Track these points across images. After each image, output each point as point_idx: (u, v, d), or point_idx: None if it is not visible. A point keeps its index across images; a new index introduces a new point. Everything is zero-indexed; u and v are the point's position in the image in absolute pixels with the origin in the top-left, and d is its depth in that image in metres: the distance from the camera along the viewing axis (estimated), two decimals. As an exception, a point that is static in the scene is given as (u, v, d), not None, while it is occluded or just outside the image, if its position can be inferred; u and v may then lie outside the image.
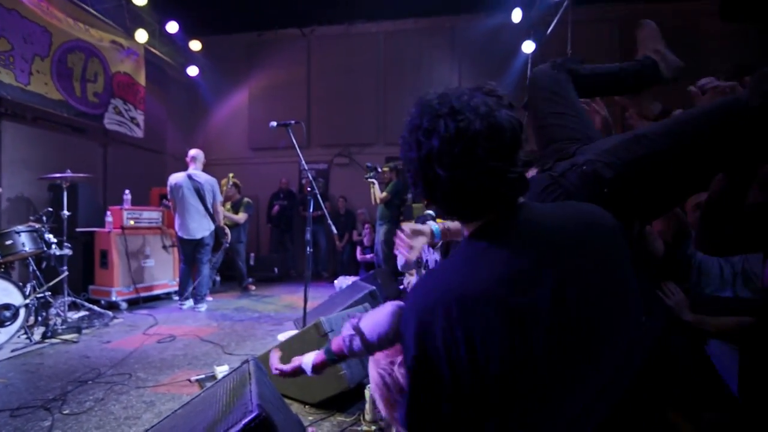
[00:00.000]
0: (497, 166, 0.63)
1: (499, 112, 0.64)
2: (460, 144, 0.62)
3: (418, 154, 0.67)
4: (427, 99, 0.70)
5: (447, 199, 0.68)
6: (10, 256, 3.30)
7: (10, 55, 4.60)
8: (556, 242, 0.66)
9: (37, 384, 2.42)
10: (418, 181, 0.70)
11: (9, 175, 4.85)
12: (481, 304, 0.59)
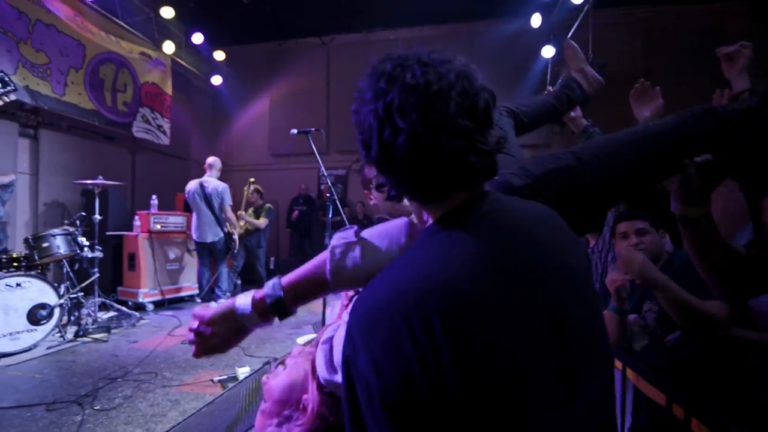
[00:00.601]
0: (468, 126, 0.53)
1: (474, 75, 0.56)
2: (428, 93, 0.52)
3: (376, 105, 0.54)
4: (394, 52, 0.59)
5: (406, 165, 0.53)
6: (46, 258, 3.48)
7: (47, 68, 4.86)
8: (536, 237, 0.57)
9: (70, 380, 2.54)
10: (371, 142, 0.56)
11: (46, 180, 5.11)
12: (472, 305, 0.48)
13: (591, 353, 0.57)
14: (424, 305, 0.47)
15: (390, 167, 0.55)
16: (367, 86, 0.57)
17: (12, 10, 4.45)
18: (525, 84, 6.72)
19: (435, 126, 0.51)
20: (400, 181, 0.56)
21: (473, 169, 0.55)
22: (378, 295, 0.52)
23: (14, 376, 2.63)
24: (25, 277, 3.14)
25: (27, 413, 2.09)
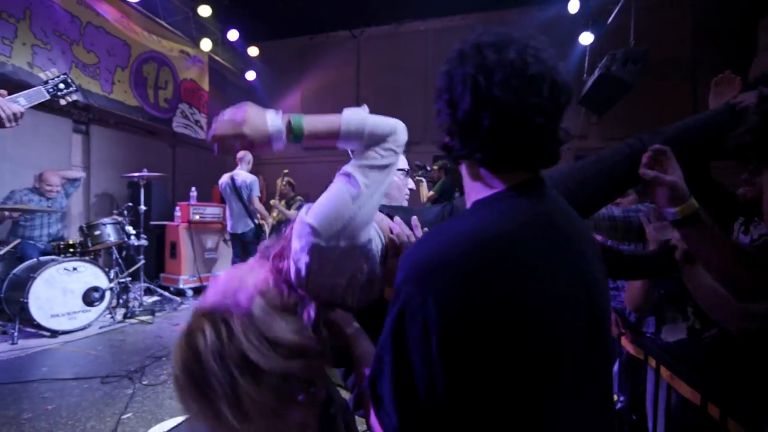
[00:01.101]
0: (554, 113, 0.58)
1: (563, 70, 0.60)
2: (530, 72, 0.55)
3: (476, 72, 0.57)
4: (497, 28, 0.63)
5: (493, 131, 0.57)
6: (98, 245, 3.76)
7: (97, 68, 5.19)
8: (579, 227, 0.65)
9: (120, 357, 2.75)
10: (461, 104, 0.58)
11: (96, 173, 5.48)
12: (528, 264, 0.54)
13: (603, 349, 0.62)
14: (486, 254, 0.53)
15: (475, 131, 0.58)
16: (468, 53, 0.60)
17: (66, 13, 4.77)
18: (561, 73, 6.48)
19: (528, 104, 0.56)
20: (482, 145, 0.59)
21: (545, 153, 0.60)
22: (446, 244, 0.56)
23: (72, 351, 2.89)
24: (80, 261, 3.41)
25: (84, 384, 2.30)
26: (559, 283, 0.56)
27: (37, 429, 1.83)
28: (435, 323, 0.51)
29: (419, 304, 0.52)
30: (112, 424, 1.87)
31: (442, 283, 0.52)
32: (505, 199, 0.60)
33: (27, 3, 4.37)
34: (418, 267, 0.55)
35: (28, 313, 3.02)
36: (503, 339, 0.51)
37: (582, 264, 0.60)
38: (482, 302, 0.50)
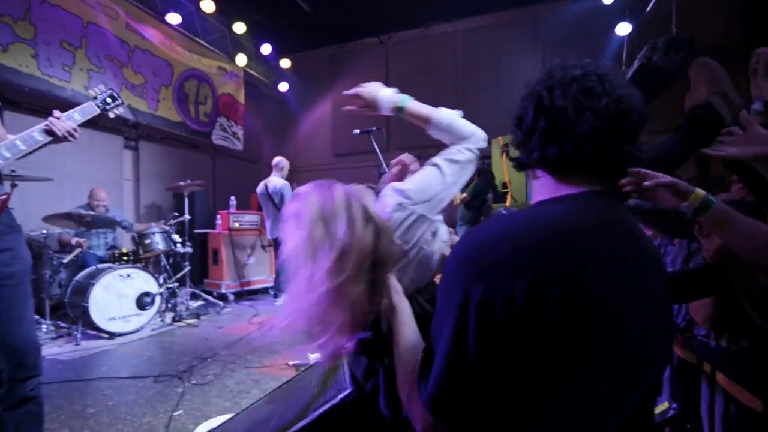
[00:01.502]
0: (619, 126, 0.64)
1: (636, 96, 0.67)
2: (589, 84, 0.63)
3: (544, 83, 0.66)
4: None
5: (548, 129, 0.65)
6: (148, 253, 4.01)
7: (144, 87, 5.57)
8: (643, 241, 0.69)
9: (171, 358, 2.92)
10: (528, 112, 0.68)
11: (145, 185, 5.86)
12: (591, 255, 0.57)
13: (652, 358, 0.64)
14: (545, 239, 0.57)
15: (533, 134, 0.67)
16: (540, 77, 0.69)
17: (116, 39, 5.17)
18: (596, 67, 6.24)
19: (583, 108, 0.63)
20: (539, 146, 0.67)
21: (605, 160, 0.65)
22: (502, 228, 0.63)
23: (128, 352, 3.10)
24: (133, 269, 3.66)
25: (140, 383, 2.46)
26: (617, 274, 0.58)
27: (100, 423, 1.98)
28: (495, 304, 0.54)
29: (472, 281, 0.57)
30: (165, 420, 1.99)
31: (498, 266, 0.56)
32: (566, 201, 0.66)
33: (83, 32, 4.77)
34: (477, 249, 0.60)
35: (89, 316, 3.28)
36: (557, 324, 0.53)
37: (641, 273, 0.62)
38: (545, 286, 0.53)
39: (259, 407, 1.48)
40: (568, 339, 0.53)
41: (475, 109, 7.09)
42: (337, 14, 6.84)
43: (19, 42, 4.14)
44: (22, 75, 4.16)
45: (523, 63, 6.82)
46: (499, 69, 6.94)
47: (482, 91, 7.04)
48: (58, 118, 1.35)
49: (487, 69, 7.03)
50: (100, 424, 1.97)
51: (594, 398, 0.57)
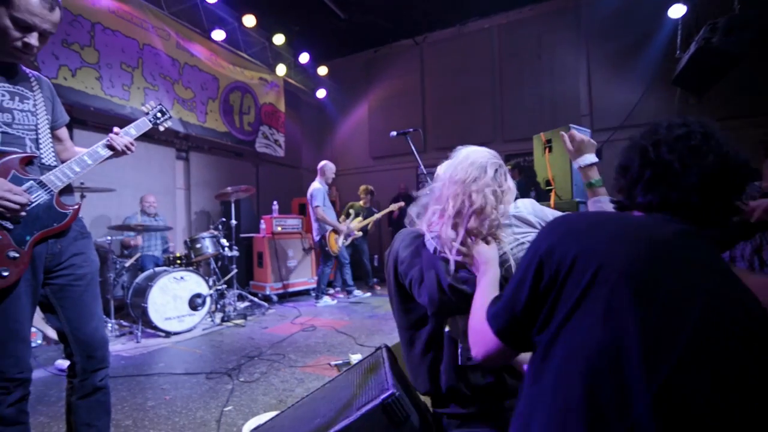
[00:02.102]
0: (741, 188, 0.72)
1: (741, 153, 0.73)
2: (694, 143, 0.71)
3: (650, 139, 0.75)
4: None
5: (653, 180, 0.74)
6: (199, 257, 4.25)
7: (193, 101, 5.92)
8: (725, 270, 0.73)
9: (220, 356, 3.07)
10: (633, 163, 0.77)
11: (195, 193, 6.22)
12: (666, 260, 0.65)
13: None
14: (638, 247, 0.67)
15: (638, 183, 0.77)
16: (645, 132, 0.78)
17: (168, 58, 5.54)
18: (648, 55, 5.85)
19: (688, 165, 0.71)
20: (675, 199, 0.73)
21: (720, 218, 0.73)
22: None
23: (182, 350, 3.29)
24: (185, 271, 3.89)
25: (193, 379, 2.60)
26: (678, 289, 0.62)
27: (159, 416, 2.11)
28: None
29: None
30: (216, 415, 2.09)
31: (567, 233, 0.74)
32: (654, 217, 0.75)
33: (140, 53, 5.16)
34: (561, 219, 0.79)
35: (148, 316, 3.52)
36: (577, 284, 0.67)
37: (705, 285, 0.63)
38: (585, 259, 0.67)
39: (304, 405, 1.51)
40: (575, 292, 0.66)
41: (516, 106, 6.90)
42: (372, 18, 6.93)
43: (86, 66, 4.55)
44: (89, 96, 4.57)
45: (565, 56, 6.54)
46: (539, 64, 6.70)
47: (522, 87, 6.83)
48: (117, 134, 1.48)
49: (527, 64, 6.81)
50: (159, 417, 2.10)
51: (589, 346, 0.64)
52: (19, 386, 1.25)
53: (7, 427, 1.24)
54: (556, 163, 4.00)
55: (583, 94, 6.45)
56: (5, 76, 1.29)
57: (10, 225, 1.22)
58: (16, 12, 1.17)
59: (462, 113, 7.28)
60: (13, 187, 1.20)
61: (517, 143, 6.69)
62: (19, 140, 1.29)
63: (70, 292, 1.38)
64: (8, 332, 1.23)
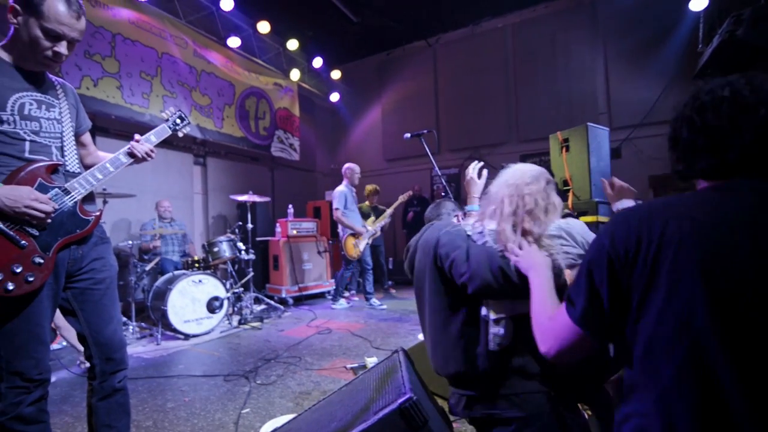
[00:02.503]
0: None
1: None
2: (743, 101, 0.70)
3: (695, 107, 0.75)
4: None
5: (746, 147, 0.70)
6: (216, 260, 4.31)
7: (210, 108, 6.04)
8: None
9: (237, 358, 3.10)
10: (682, 134, 0.77)
11: (212, 197, 6.33)
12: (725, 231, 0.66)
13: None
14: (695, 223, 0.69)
15: (693, 152, 0.77)
16: (687, 101, 0.78)
17: (185, 66, 5.67)
18: (668, 50, 5.70)
19: (739, 123, 0.70)
20: (733, 159, 0.72)
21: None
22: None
23: (200, 352, 3.34)
24: (204, 275, 3.95)
25: (211, 381, 2.63)
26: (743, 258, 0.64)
27: (179, 417, 2.14)
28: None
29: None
30: (234, 417, 2.11)
31: (627, 223, 0.77)
32: (718, 189, 0.74)
33: (158, 62, 5.30)
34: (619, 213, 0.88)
35: (167, 318, 3.58)
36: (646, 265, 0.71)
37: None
38: (646, 242, 0.71)
39: (321, 408, 1.51)
40: (650, 274, 0.69)
41: (531, 106, 6.81)
42: (384, 21, 6.95)
43: (107, 76, 4.69)
44: (110, 105, 4.70)
45: (581, 53, 6.42)
46: (554, 62, 6.59)
47: (537, 87, 6.72)
48: (138, 141, 1.53)
49: (542, 63, 6.71)
50: (179, 418, 2.13)
51: (660, 321, 0.68)
52: (39, 386, 1.29)
53: (29, 425, 1.27)
54: (573, 162, 3.91)
55: (601, 92, 6.31)
56: (33, 85, 1.32)
57: (36, 232, 1.25)
58: (46, 22, 1.21)
59: (476, 114, 7.22)
60: (40, 195, 1.23)
61: (533, 143, 6.58)
62: (45, 148, 1.33)
63: (90, 295, 1.42)
64: (30, 335, 1.26)
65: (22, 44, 1.25)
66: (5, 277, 1.18)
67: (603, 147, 3.78)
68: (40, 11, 1.20)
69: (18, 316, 1.24)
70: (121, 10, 4.85)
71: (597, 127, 3.79)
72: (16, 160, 1.26)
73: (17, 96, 1.27)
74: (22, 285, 1.20)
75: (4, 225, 1.19)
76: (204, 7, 5.84)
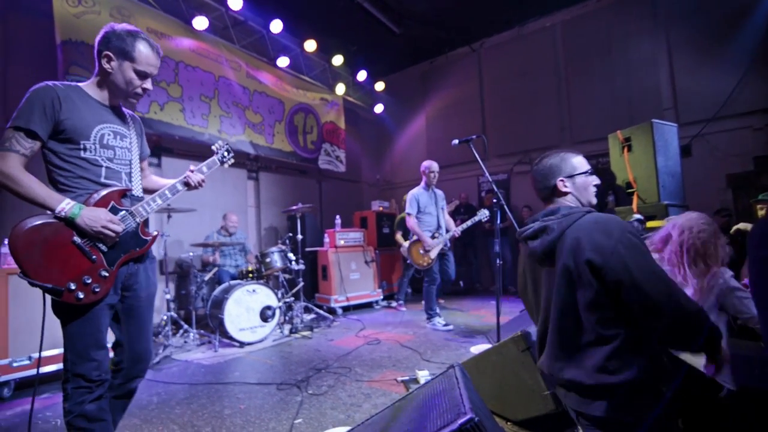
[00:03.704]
0: None
1: None
2: None
3: None
4: None
5: None
6: (269, 270, 4.45)
7: (262, 125, 6.35)
8: None
9: (289, 367, 3.14)
10: None
11: (264, 210, 6.61)
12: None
13: None
14: None
15: None
16: None
17: (239, 87, 6.02)
18: (743, 36, 5.14)
19: None
20: None
21: None
22: None
23: (255, 360, 3.43)
24: (257, 284, 4.09)
25: (265, 389, 2.69)
26: None
27: (235, 424, 2.20)
28: None
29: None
30: (287, 426, 2.12)
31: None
32: None
33: (215, 85, 5.67)
34: None
35: (224, 326, 3.74)
36: None
37: None
38: None
39: (374, 424, 1.46)
40: None
41: (585, 106, 6.43)
42: (426, 30, 6.95)
43: (172, 101, 5.09)
44: (174, 126, 5.09)
45: (640, 46, 5.98)
46: (610, 58, 6.20)
47: (592, 85, 6.35)
48: (192, 171, 1.71)
49: (596, 60, 6.33)
50: (235, 425, 2.18)
51: None
52: (99, 386, 1.43)
53: (91, 423, 1.41)
54: (637, 162, 3.61)
55: (665, 86, 5.82)
56: (112, 117, 1.51)
57: (104, 248, 1.42)
58: (138, 65, 1.45)
59: (525, 117, 6.96)
60: (114, 217, 1.40)
61: (588, 145, 6.20)
62: (117, 174, 1.51)
63: (135, 309, 1.57)
64: (93, 341, 1.40)
65: (115, 85, 1.46)
66: (77, 287, 1.32)
67: (671, 145, 3.46)
68: (132, 57, 1.43)
69: (82, 323, 1.38)
70: (183, 39, 5.27)
71: (663, 123, 3.48)
72: (93, 183, 1.44)
73: (99, 127, 1.45)
74: (90, 295, 1.35)
75: (81, 241, 1.35)
76: (255, 32, 6.19)
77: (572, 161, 1.39)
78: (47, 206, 1.30)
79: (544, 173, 1.40)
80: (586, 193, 1.39)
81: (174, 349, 3.76)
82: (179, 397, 2.63)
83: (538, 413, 1.88)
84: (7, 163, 1.27)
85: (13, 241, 1.24)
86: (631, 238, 1.11)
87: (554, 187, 1.38)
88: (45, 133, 1.33)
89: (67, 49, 4.09)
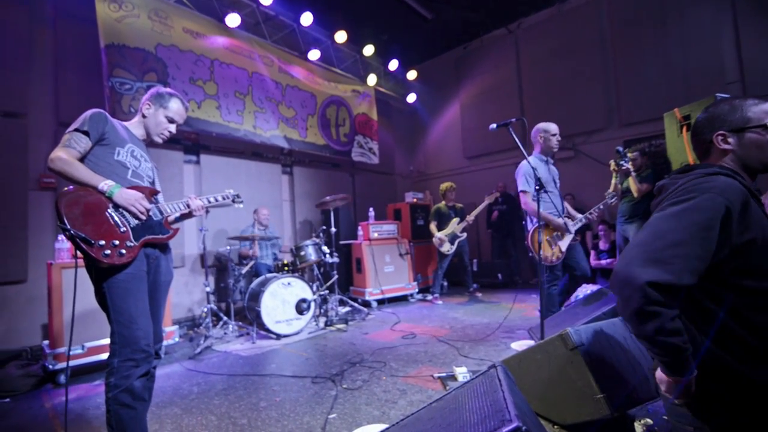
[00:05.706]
0: None
1: None
2: None
3: None
4: None
5: None
6: (303, 264, 4.47)
7: (295, 119, 6.38)
8: None
9: (324, 360, 3.13)
10: None
11: (299, 204, 6.67)
12: None
13: None
14: None
15: None
16: None
17: (272, 82, 6.07)
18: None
19: None
20: None
21: None
22: None
23: (290, 352, 3.45)
24: (292, 277, 4.11)
25: (300, 382, 2.68)
26: None
27: (270, 417, 2.19)
28: None
29: None
30: (321, 421, 2.08)
31: None
32: None
33: (249, 81, 5.75)
34: None
35: (261, 318, 3.80)
36: None
37: None
38: None
39: (410, 425, 1.37)
40: None
41: (636, 85, 5.93)
42: (459, 13, 6.68)
43: (208, 98, 5.21)
44: (211, 123, 5.21)
45: (700, 16, 5.41)
46: (664, 31, 5.66)
47: (643, 62, 5.84)
48: (191, 198, 1.98)
49: (648, 34, 5.80)
50: (270, 418, 2.17)
51: None
52: (144, 360, 1.59)
53: (135, 401, 1.53)
54: None
55: (729, 58, 5.23)
56: (143, 147, 1.91)
57: (133, 224, 1.69)
58: (170, 113, 1.89)
59: (567, 100, 6.53)
60: (144, 198, 1.72)
61: (640, 126, 5.73)
62: (141, 178, 1.81)
63: (156, 292, 1.80)
64: (139, 309, 1.61)
65: (149, 125, 1.88)
66: (106, 245, 1.57)
67: (741, 120, 3.07)
68: (167, 107, 1.89)
69: (125, 292, 1.60)
70: (217, 38, 5.37)
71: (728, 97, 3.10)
72: (121, 180, 1.72)
73: (131, 146, 1.81)
74: (114, 256, 1.58)
75: (115, 213, 1.64)
76: (286, 26, 6.20)
77: (747, 110, 1.06)
78: (92, 184, 1.61)
79: (701, 124, 1.12)
80: (762, 155, 1.05)
81: (214, 340, 3.86)
82: (218, 387, 2.67)
83: (590, 417, 1.72)
84: (68, 152, 1.62)
85: (61, 197, 1.52)
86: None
87: (710, 143, 1.10)
88: (95, 137, 1.68)
89: (110, 52, 4.27)
